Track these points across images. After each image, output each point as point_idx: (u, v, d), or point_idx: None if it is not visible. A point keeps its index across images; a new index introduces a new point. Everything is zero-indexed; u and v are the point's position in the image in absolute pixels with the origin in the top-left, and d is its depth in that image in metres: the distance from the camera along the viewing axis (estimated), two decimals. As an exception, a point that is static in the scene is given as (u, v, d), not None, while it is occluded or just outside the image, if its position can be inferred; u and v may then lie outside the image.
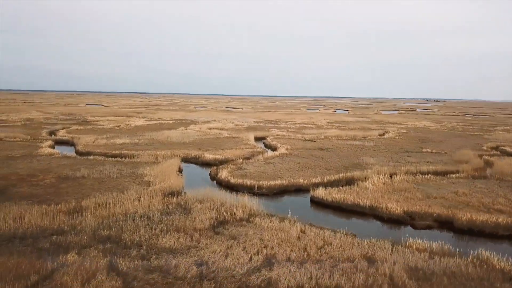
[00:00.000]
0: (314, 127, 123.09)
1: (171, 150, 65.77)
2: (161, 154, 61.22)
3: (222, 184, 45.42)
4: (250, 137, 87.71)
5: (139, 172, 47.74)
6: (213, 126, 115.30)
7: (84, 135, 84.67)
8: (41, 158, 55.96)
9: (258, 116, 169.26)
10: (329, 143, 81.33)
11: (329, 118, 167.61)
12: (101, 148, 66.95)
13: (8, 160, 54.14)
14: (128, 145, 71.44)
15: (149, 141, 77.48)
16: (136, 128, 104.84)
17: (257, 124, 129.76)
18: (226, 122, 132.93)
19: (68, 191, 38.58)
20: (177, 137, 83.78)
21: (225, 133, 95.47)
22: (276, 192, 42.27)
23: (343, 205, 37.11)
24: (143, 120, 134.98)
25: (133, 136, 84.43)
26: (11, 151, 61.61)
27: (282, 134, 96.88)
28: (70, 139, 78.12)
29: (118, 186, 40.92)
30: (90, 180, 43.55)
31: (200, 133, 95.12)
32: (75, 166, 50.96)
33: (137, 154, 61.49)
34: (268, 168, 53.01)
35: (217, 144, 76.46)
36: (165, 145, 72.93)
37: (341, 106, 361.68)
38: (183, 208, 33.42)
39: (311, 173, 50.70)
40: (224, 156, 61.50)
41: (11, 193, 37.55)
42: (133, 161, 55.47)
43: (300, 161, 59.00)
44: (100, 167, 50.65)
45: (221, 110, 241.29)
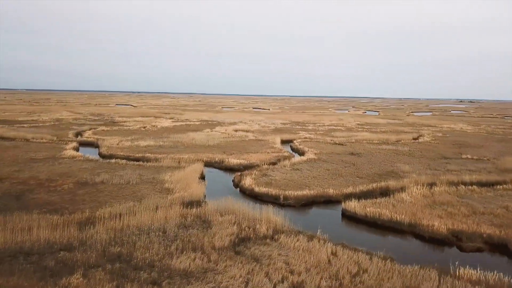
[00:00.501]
0: (343, 129, 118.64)
1: (194, 154, 63.70)
2: (184, 158, 59.15)
3: (245, 192, 42.64)
4: (276, 140, 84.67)
5: (160, 178, 45.67)
6: (239, 127, 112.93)
7: (109, 136, 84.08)
8: (63, 161, 54.99)
9: (285, 118, 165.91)
10: (360, 148, 77.17)
11: (359, 120, 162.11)
12: (125, 151, 65.66)
13: (31, 163, 53.42)
14: (152, 148, 69.95)
15: (173, 144, 75.80)
16: (162, 130, 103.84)
17: (284, 126, 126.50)
18: (253, 123, 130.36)
19: (85, 199, 36.82)
20: (201, 140, 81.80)
21: (250, 136, 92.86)
22: (303, 203, 39.02)
23: (379, 220, 33.51)
24: (170, 121, 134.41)
25: (158, 138, 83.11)
26: (35, 153, 61.18)
27: (310, 137, 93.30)
28: (95, 141, 77.53)
29: (136, 194, 38.89)
30: (108, 186, 41.77)
31: (225, 135, 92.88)
32: (96, 170, 49.53)
33: (160, 157, 59.66)
34: (295, 175, 49.84)
35: (242, 147, 73.87)
36: (189, 148, 70.99)
37: (371, 107, 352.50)
38: (202, 221, 30.83)
39: (342, 181, 47.15)
40: (248, 161, 58.77)
41: (27, 199, 36.16)
42: (155, 166, 53.58)
43: (330, 168, 55.46)
44: (121, 171, 49.00)
45: (248, 110, 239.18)
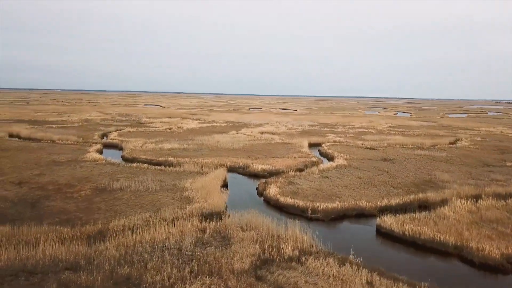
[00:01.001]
0: (375, 132, 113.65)
1: (218, 158, 61.36)
2: (207, 162, 56.87)
3: (270, 203, 39.68)
4: (303, 144, 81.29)
5: (181, 185, 43.41)
6: (265, 129, 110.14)
7: (134, 138, 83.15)
8: (85, 165, 53.81)
9: (313, 119, 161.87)
10: (393, 153, 72.70)
11: (391, 122, 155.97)
12: (148, 154, 64.10)
13: (53, 166, 52.50)
14: (175, 151, 68.15)
15: (198, 147, 73.82)
16: (187, 131, 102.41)
17: (312, 128, 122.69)
18: (279, 125, 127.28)
19: (100, 207, 34.94)
20: (226, 142, 79.48)
21: (277, 138, 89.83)
22: (333, 217, 35.66)
23: (419, 240, 29.79)
24: (196, 122, 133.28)
25: (182, 141, 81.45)
26: (58, 155, 60.51)
27: (339, 140, 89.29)
28: (119, 143, 76.60)
29: (154, 203, 36.71)
30: (126, 193, 39.84)
31: (251, 137, 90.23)
32: (116, 175, 47.89)
33: (182, 161, 57.65)
34: (323, 183, 46.46)
35: (267, 151, 70.97)
36: (213, 151, 68.75)
37: (402, 108, 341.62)
38: (222, 237, 28.15)
39: (375, 192, 43.41)
40: (274, 166, 55.80)
41: (42, 206, 34.63)
42: (177, 171, 51.51)
43: (361, 175, 51.73)
44: (141, 177, 47.16)
45: (275, 112, 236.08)
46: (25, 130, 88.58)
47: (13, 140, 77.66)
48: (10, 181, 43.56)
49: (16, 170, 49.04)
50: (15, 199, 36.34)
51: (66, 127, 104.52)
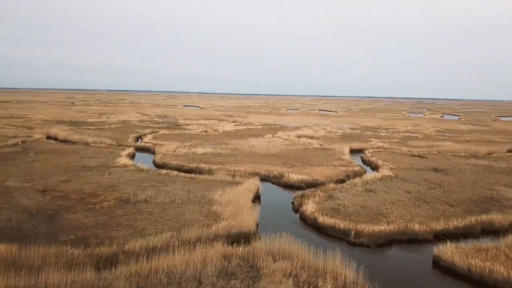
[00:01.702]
0: (421, 137, 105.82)
1: (252, 165, 57.64)
2: (240, 170, 53.31)
3: (307, 221, 35.28)
4: (344, 150, 75.96)
5: (209, 196, 39.98)
6: (303, 133, 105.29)
7: (168, 141, 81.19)
8: (113, 171, 51.77)
9: (354, 121, 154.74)
10: (444, 162, 65.96)
11: (438, 126, 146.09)
12: (179, 159, 61.45)
13: (82, 172, 50.84)
14: (208, 156, 65.15)
15: (231, 152, 70.49)
16: (222, 134, 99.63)
17: (353, 131, 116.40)
18: (318, 128, 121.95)
19: (121, 222, 32.08)
20: (261, 147, 75.65)
21: (315, 143, 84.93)
22: (380, 242, 30.82)
23: (489, 280, 24.43)
24: (232, 124, 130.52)
25: (216, 145, 78.51)
26: (89, 160, 59.15)
27: (383, 146, 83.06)
28: (152, 147, 74.75)
29: (178, 218, 33.44)
30: (151, 205, 36.88)
31: (287, 142, 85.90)
32: (143, 183, 45.30)
33: (214, 169, 54.43)
34: (368, 199, 41.46)
35: (305, 157, 66.43)
36: (247, 157, 65.14)
37: (449, 110, 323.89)
38: (249, 267, 24.26)
39: (428, 210, 37.94)
40: (311, 176, 51.27)
41: (60, 220, 32.27)
42: (208, 179, 48.22)
43: (410, 189, 46.15)
44: (169, 186, 44.27)
45: (313, 113, 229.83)
46: (63, 132, 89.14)
47: (50, 142, 77.86)
48: (36, 188, 41.97)
49: (44, 176, 47.69)
50: (34, 210, 34.30)
51: (103, 128, 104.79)
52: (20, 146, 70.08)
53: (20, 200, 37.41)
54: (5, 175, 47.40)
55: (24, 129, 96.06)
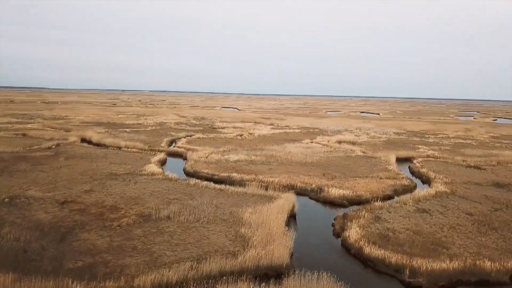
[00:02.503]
0: (475, 144, 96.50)
1: (287, 175, 52.92)
2: (274, 181, 48.76)
3: (350, 251, 30.05)
4: (390, 158, 69.40)
5: (238, 214, 35.68)
6: (344, 138, 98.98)
7: (201, 146, 77.96)
8: (140, 180, 48.76)
9: (398, 125, 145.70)
10: (507, 175, 58.15)
11: (492, 131, 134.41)
12: (211, 168, 57.71)
13: (107, 180, 48.22)
14: (241, 164, 61.04)
15: (266, 159, 66.02)
16: (258, 139, 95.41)
17: (398, 137, 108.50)
18: (360, 133, 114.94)
19: (136, 246, 28.41)
20: (298, 154, 70.62)
21: (357, 150, 78.72)
22: (443, 284, 25.11)
23: None
24: (269, 128, 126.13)
25: (251, 151, 74.34)
26: (118, 166, 56.72)
27: (433, 155, 75.55)
28: (184, 152, 71.68)
29: (202, 242, 29.34)
30: (173, 224, 33.08)
31: (327, 148, 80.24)
32: (168, 196, 41.78)
33: (246, 179, 50.25)
34: (422, 222, 35.56)
35: (346, 167, 60.76)
36: (282, 166, 60.44)
37: (501, 113, 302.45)
38: (279, 317, 19.61)
39: (499, 240, 31.60)
40: (355, 191, 45.75)
41: (71, 240, 29.10)
42: (238, 192, 44.00)
43: (472, 210, 39.62)
44: (196, 199, 40.46)
45: (354, 116, 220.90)
46: (98, 135, 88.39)
47: (83, 145, 76.87)
48: (56, 198, 39.46)
49: (68, 184, 45.38)
50: (47, 227, 31.41)
51: (139, 131, 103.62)
52: (53, 150, 69.19)
53: (36, 213, 34.83)
54: (30, 183, 45.52)
55: (62, 132, 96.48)
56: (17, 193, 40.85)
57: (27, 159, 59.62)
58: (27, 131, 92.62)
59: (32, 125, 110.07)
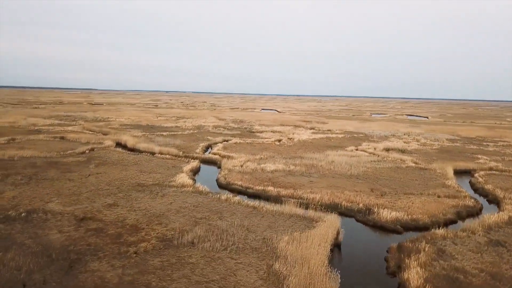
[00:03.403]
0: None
1: (330, 190, 47.21)
2: (315, 198, 43.28)
3: (411, 300, 24.09)
4: (446, 171, 61.59)
5: (273, 243, 30.58)
6: (392, 145, 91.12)
7: (237, 153, 73.62)
8: (168, 193, 44.88)
9: (451, 131, 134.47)
10: None
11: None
12: (245, 179, 53.00)
13: (134, 192, 44.77)
14: (278, 175, 55.92)
15: (306, 169, 60.45)
16: (297, 145, 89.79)
17: (452, 144, 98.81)
18: (409, 139, 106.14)
19: (150, 283, 24.04)
20: (342, 164, 64.40)
21: (408, 160, 71.17)
22: None
23: None
24: (310, 132, 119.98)
25: (289, 159, 69.02)
26: (147, 176, 53.40)
27: (497, 167, 66.60)
28: (219, 160, 67.51)
29: (227, 281, 24.50)
30: (197, 253, 28.54)
31: (374, 157, 73.27)
32: (196, 213, 37.42)
33: (283, 194, 45.16)
34: (499, 260, 28.76)
35: (397, 181, 53.99)
36: (324, 178, 54.67)
37: None
38: None
39: None
40: (410, 213, 39.26)
41: (79, 271, 25.25)
42: (274, 211, 38.87)
43: (561, 245, 32.11)
44: (226, 219, 35.83)
45: (401, 119, 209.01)
46: (133, 139, 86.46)
47: (117, 150, 74.82)
48: (76, 214, 36.25)
49: (92, 196, 42.29)
50: (56, 252, 27.84)
51: (176, 135, 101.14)
52: (86, 155, 67.41)
53: (50, 233, 31.57)
54: (54, 193, 42.89)
55: (99, 135, 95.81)
56: (37, 206, 38.12)
57: (58, 166, 57.80)
58: (66, 134, 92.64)
59: (72, 127, 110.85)
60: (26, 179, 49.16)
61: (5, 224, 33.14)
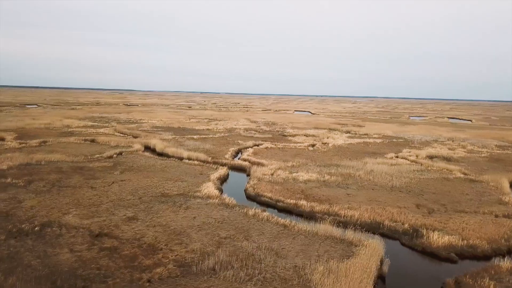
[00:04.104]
0: None
1: (370, 205, 42.44)
2: (354, 216, 38.74)
3: None
4: (501, 183, 55.01)
5: (306, 273, 26.41)
6: (435, 152, 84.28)
7: (268, 159, 69.81)
8: (192, 204, 41.66)
9: (499, 136, 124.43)
10: None
11: None
12: (275, 190, 48.98)
13: (156, 203, 41.86)
14: (312, 186, 51.61)
15: (342, 179, 55.72)
16: (332, 151, 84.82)
17: (503, 151, 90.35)
18: (454, 145, 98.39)
19: (161, 323, 20.61)
20: (382, 174, 59.15)
21: (455, 170, 64.71)
22: None
23: None
24: (345, 136, 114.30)
25: (324, 167, 64.42)
26: (173, 184, 50.55)
27: (560, 181, 58.97)
28: (248, 167, 63.86)
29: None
30: (217, 284, 24.88)
31: (417, 166, 67.26)
32: (220, 231, 33.87)
33: (318, 210, 40.88)
34: None
35: (446, 196, 48.30)
36: (363, 190, 49.85)
37: None
38: None
39: None
40: (465, 238, 33.94)
41: (84, 302, 22.23)
42: (307, 231, 34.66)
43: None
44: (253, 240, 32.05)
45: (442, 122, 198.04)
46: (162, 143, 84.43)
47: (145, 155, 72.84)
48: (92, 229, 33.63)
49: (112, 208, 39.72)
50: (62, 277, 24.97)
51: (206, 138, 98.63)
52: (113, 160, 65.71)
53: (60, 252, 28.94)
54: (73, 204, 40.68)
55: (129, 138, 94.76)
56: (54, 218, 35.87)
57: (83, 171, 56.14)
58: (97, 137, 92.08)
59: (104, 129, 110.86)
60: (48, 186, 47.51)
61: (16, 240, 30.91)
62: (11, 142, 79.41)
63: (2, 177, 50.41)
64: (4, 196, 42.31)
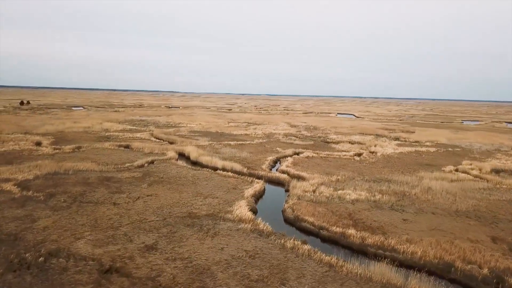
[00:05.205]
0: None
1: (434, 238, 34.98)
2: (415, 254, 31.61)
3: None
4: None
5: None
6: (502, 165, 73.90)
7: (309, 171, 63.23)
8: (221, 231, 36.07)
9: None
10: None
11: None
12: (318, 213, 42.33)
13: (181, 227, 36.71)
14: (361, 207, 44.58)
15: (396, 199, 48.19)
16: (382, 161, 76.66)
17: None
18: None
19: None
20: (443, 193, 50.91)
21: (532, 189, 54.91)
22: None
23: None
24: (394, 144, 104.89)
25: (373, 182, 56.98)
26: (202, 201, 45.34)
27: None
28: (287, 181, 57.66)
29: None
30: None
31: (482, 184, 58.03)
32: (251, 270, 27.97)
33: (369, 243, 34.05)
34: None
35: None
36: (422, 214, 42.22)
37: None
38: None
39: None
40: None
41: None
42: (358, 276, 28.00)
43: None
44: (290, 286, 25.85)
45: (501, 128, 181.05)
46: (197, 150, 79.96)
47: (177, 164, 68.48)
48: (102, 261, 28.91)
49: (131, 231, 35.03)
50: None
51: (244, 145, 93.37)
52: (143, 170, 61.73)
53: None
54: (89, 225, 36.41)
55: (165, 144, 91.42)
56: (63, 245, 31.58)
57: (110, 183, 52.37)
58: (132, 142, 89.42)
59: (141, 134, 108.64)
60: (69, 201, 43.82)
61: (14, 274, 26.67)
62: (46, 148, 78.05)
63: (25, 189, 47.51)
64: (19, 214, 38.88)
